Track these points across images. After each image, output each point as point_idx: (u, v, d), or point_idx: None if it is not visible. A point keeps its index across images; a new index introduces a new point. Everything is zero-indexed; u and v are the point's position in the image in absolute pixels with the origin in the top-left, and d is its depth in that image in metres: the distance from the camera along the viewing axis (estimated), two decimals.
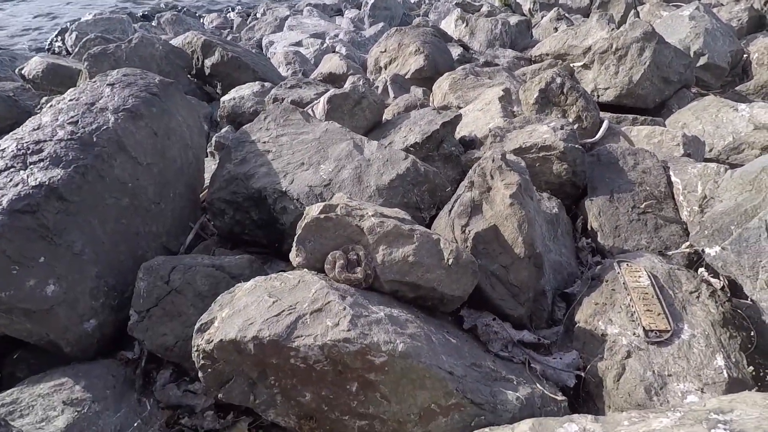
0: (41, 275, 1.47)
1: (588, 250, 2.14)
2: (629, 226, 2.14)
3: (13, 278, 1.43)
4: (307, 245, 1.43)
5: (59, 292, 1.51)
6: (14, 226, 1.43)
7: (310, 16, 6.27)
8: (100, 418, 1.42)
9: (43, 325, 1.50)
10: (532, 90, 2.87)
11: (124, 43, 3.28)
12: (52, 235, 1.50)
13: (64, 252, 1.53)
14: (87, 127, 1.69)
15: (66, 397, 1.43)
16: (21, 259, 1.44)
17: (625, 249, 2.05)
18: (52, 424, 1.33)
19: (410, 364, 1.14)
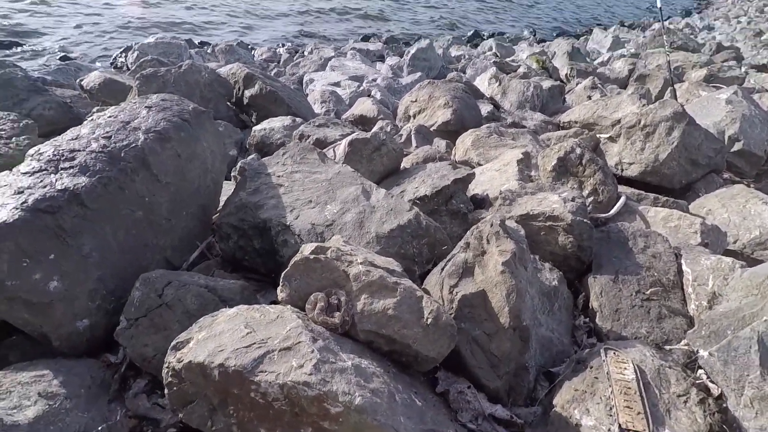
0: (47, 271, 1.57)
1: (584, 330, 2.10)
2: (630, 312, 2.09)
3: (22, 270, 1.53)
4: (293, 282, 1.48)
5: (60, 289, 1.60)
6: (34, 223, 1.55)
7: (352, 59, 6.57)
8: (68, 415, 1.46)
9: (40, 317, 1.59)
10: (550, 157, 2.91)
11: (174, 68, 3.53)
12: (66, 236, 1.61)
13: (73, 253, 1.63)
14: (118, 143, 1.83)
15: (42, 389, 1.49)
16: (33, 253, 1.55)
17: (623, 335, 2.00)
18: (22, 412, 1.38)
19: (364, 419, 1.15)
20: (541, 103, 5.09)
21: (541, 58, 7.36)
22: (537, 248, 2.28)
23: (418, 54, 7.00)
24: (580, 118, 4.44)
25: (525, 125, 4.36)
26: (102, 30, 7.62)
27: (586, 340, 2.03)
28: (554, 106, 5.25)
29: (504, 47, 9.37)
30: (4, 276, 1.48)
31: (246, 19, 9.41)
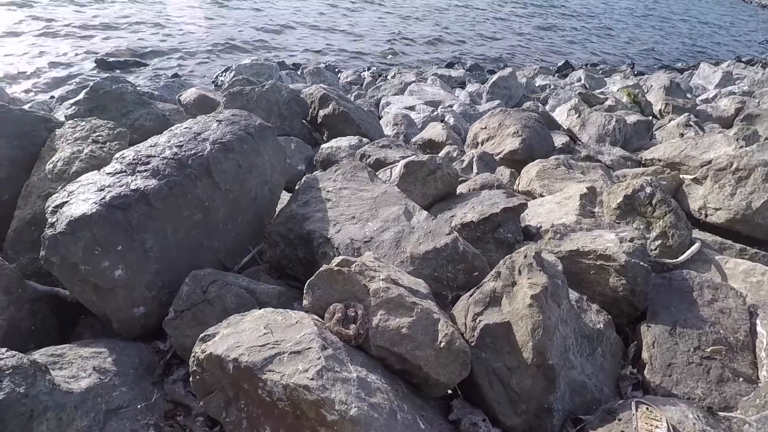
0: (114, 260, 1.78)
1: (630, 382, 1.94)
2: (686, 369, 1.90)
3: (94, 257, 1.75)
4: (316, 291, 1.55)
5: (123, 277, 1.81)
6: (108, 217, 1.78)
7: (432, 85, 6.69)
8: (115, 390, 1.64)
9: (104, 300, 1.80)
10: (616, 194, 2.74)
11: (257, 87, 3.87)
12: (133, 231, 1.83)
13: (137, 246, 1.84)
14: (187, 152, 2.05)
15: (98, 364, 1.68)
16: (104, 243, 1.77)
17: (673, 393, 1.82)
18: (77, 382, 1.57)
19: (357, 431, 1.17)
20: (624, 138, 4.81)
21: (634, 92, 6.95)
22: (585, 288, 2.16)
23: (498, 82, 6.96)
24: (665, 156, 4.12)
25: (600, 160, 4.14)
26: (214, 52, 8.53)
27: (630, 392, 1.86)
28: (639, 142, 4.92)
29: (594, 78, 8.99)
30: (79, 261, 1.71)
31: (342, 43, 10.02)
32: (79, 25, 8.78)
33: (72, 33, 8.42)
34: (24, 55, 7.14)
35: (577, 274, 2.18)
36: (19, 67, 6.65)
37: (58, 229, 1.69)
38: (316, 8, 12.31)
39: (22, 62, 6.81)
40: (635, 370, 1.96)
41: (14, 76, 6.24)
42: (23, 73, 6.47)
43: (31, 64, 6.84)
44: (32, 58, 7.13)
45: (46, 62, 6.97)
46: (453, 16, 14.17)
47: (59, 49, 7.69)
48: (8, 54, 7.10)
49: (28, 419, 1.36)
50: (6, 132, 2.22)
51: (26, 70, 6.61)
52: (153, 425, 1.64)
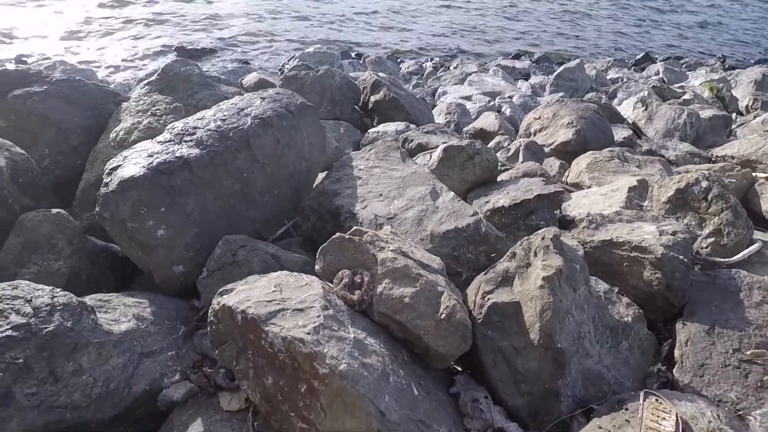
0: (158, 220, 1.96)
1: (657, 379, 1.83)
2: (721, 371, 1.76)
3: (140, 216, 1.94)
4: (327, 257, 1.62)
5: (165, 237, 1.98)
6: (154, 180, 1.96)
7: (493, 76, 6.54)
8: (150, 336, 1.81)
9: (148, 256, 1.99)
10: (668, 187, 2.56)
11: (312, 72, 4.01)
12: (175, 194, 2.00)
13: (179, 209, 2.01)
14: (230, 125, 2.19)
15: (137, 312, 1.87)
16: (149, 204, 1.95)
17: (703, 394, 1.70)
18: (118, 325, 1.76)
19: (344, 386, 1.22)
20: (696, 133, 4.43)
21: (717, 86, 6.37)
22: (617, 280, 2.05)
23: (563, 73, 6.67)
24: (740, 153, 3.75)
25: (663, 155, 3.86)
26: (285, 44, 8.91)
27: (656, 389, 1.76)
28: (713, 138, 4.51)
29: (674, 72, 8.31)
30: (127, 218, 1.90)
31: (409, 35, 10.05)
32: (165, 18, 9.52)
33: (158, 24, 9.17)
34: (114, 45, 7.88)
35: (609, 265, 2.08)
36: (109, 54, 7.36)
37: (110, 188, 1.89)
38: (387, 4, 12.37)
39: (110, 51, 7.53)
40: (664, 368, 1.85)
41: (104, 62, 6.92)
42: (113, 60, 7.15)
43: (119, 52, 7.54)
44: (122, 48, 7.85)
45: (132, 50, 7.65)
46: (525, 7, 13.67)
47: (145, 39, 8.39)
48: (100, 45, 7.87)
49: (72, 350, 1.55)
50: (81, 104, 2.50)
51: (116, 56, 7.31)
52: (180, 371, 1.79)
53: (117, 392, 1.58)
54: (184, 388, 1.73)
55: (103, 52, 7.51)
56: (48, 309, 1.57)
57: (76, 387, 1.49)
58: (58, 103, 2.43)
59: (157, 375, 1.71)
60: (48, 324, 1.53)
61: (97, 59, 6.94)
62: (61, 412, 1.44)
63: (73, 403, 1.47)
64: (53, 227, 2.03)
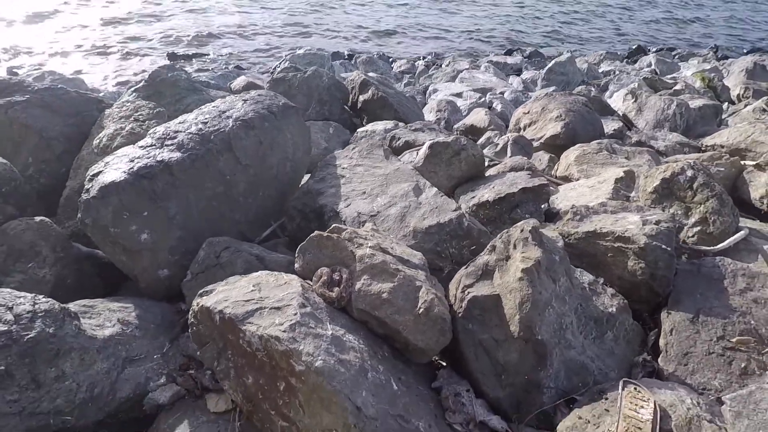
0: (141, 224, 1.96)
1: (642, 369, 1.83)
2: (705, 359, 1.76)
3: (123, 221, 1.94)
4: (306, 255, 1.62)
5: (149, 241, 1.98)
6: (135, 185, 1.96)
7: (485, 72, 6.54)
8: (135, 341, 1.81)
9: (132, 261, 1.99)
10: (654, 177, 2.56)
11: (300, 73, 4.01)
12: (157, 198, 2.00)
13: (161, 213, 2.01)
14: (211, 128, 2.20)
15: (122, 316, 1.87)
16: (132, 209, 1.95)
17: (687, 382, 1.70)
18: (102, 330, 1.76)
19: (320, 382, 1.22)
20: (686, 123, 4.42)
21: (709, 76, 6.36)
22: (602, 271, 2.05)
23: (554, 68, 6.67)
24: (729, 142, 3.75)
25: (653, 146, 3.86)
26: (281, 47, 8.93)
27: (639, 379, 1.76)
28: (704, 128, 4.50)
29: (666, 63, 8.31)
30: (109, 223, 1.90)
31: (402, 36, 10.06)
32: (159, 29, 9.53)
33: (147, 22, 9.19)
34: (105, 55, 7.89)
35: (594, 256, 2.08)
36: (100, 64, 7.38)
37: (91, 194, 1.89)
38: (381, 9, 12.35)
39: (101, 61, 7.55)
40: (650, 357, 1.85)
41: (94, 72, 6.94)
42: (103, 69, 7.17)
43: (110, 61, 7.56)
44: (114, 58, 7.86)
45: (124, 59, 7.66)
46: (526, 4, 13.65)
47: (137, 49, 8.40)
48: (91, 56, 7.88)
49: (54, 356, 1.55)
50: (63, 112, 2.50)
51: (107, 66, 7.32)
52: (166, 374, 1.79)
53: (101, 397, 1.58)
54: (171, 391, 1.73)
55: (94, 63, 7.52)
56: (29, 316, 1.58)
57: (59, 393, 1.49)
58: (40, 112, 2.44)
59: (142, 379, 1.71)
60: (29, 331, 1.53)
61: (88, 69, 6.95)
62: (44, 417, 1.44)
63: (56, 408, 1.47)
64: (36, 235, 2.04)
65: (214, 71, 6.26)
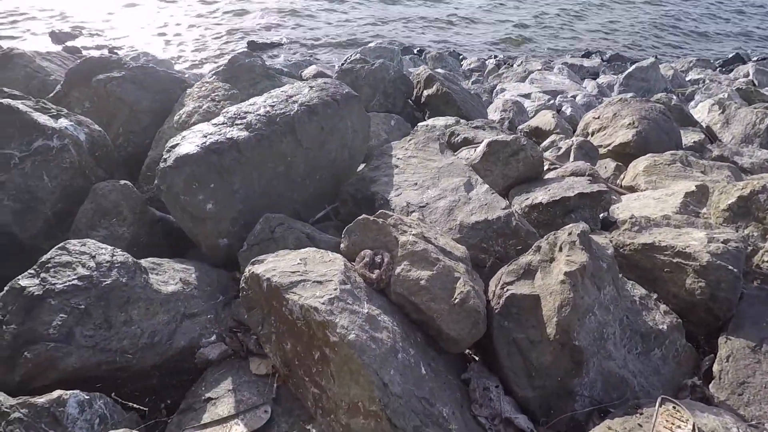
0: (207, 195, 2.13)
1: (690, 393, 1.74)
2: (763, 391, 1.64)
3: (192, 190, 2.12)
4: (351, 236, 1.69)
5: (213, 211, 2.15)
6: (206, 159, 2.13)
7: (558, 74, 6.31)
8: (192, 299, 1.98)
9: (197, 227, 2.17)
10: (730, 194, 2.39)
11: (367, 65, 4.10)
12: (224, 172, 2.16)
13: (226, 186, 2.17)
14: (277, 111, 2.33)
15: (184, 276, 2.05)
16: (201, 180, 2.12)
17: (739, 414, 1.59)
18: (167, 286, 1.94)
19: (351, 354, 1.29)
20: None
21: None
22: (657, 286, 1.96)
23: (635, 73, 6.30)
24: None
25: (736, 161, 3.56)
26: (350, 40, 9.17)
27: None
28: None
29: (767, 74, 7.57)
30: (180, 191, 2.08)
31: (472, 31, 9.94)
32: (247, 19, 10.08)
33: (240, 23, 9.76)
34: (195, 41, 8.48)
35: (650, 270, 1.99)
36: (190, 48, 7.95)
37: (168, 164, 2.08)
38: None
39: (191, 46, 8.12)
40: (701, 382, 1.75)
41: (184, 56, 7.48)
42: (191, 54, 7.71)
43: (199, 47, 8.10)
44: (202, 43, 8.42)
45: (211, 45, 8.20)
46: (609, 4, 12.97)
47: (224, 36, 8.95)
48: (184, 41, 8.50)
49: (125, 303, 1.74)
50: (152, 89, 2.75)
51: (195, 51, 7.87)
52: (216, 333, 1.95)
53: (160, 344, 1.76)
54: (219, 349, 1.88)
55: (185, 48, 8.12)
56: (108, 265, 1.78)
57: (126, 335, 1.68)
58: (132, 88, 2.70)
59: (195, 334, 1.87)
60: (107, 278, 1.74)
61: (178, 54, 7.51)
62: (111, 354, 1.62)
63: (123, 348, 1.65)
64: (120, 196, 2.27)
65: (288, 60, 6.54)
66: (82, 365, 1.57)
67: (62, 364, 1.54)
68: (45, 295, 1.63)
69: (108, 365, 1.62)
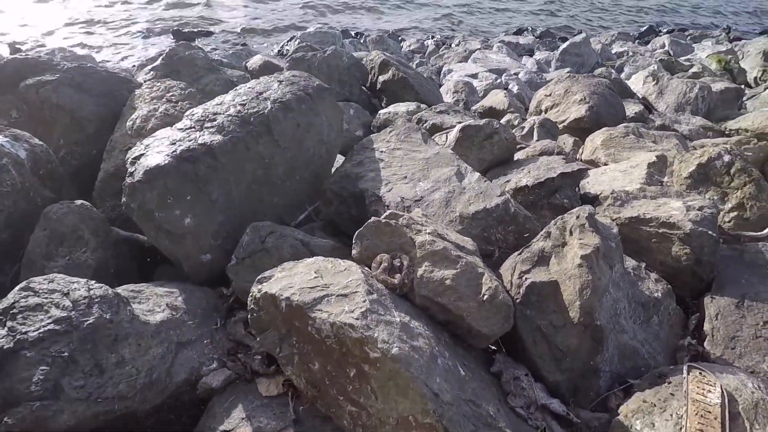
0: (184, 209, 1.94)
1: (688, 353, 1.86)
2: (752, 343, 1.79)
3: (167, 205, 1.92)
4: (364, 242, 1.61)
5: (192, 225, 1.96)
6: (179, 169, 1.93)
7: (497, 52, 6.45)
8: (184, 325, 1.81)
9: (176, 246, 1.98)
10: (689, 162, 2.56)
11: (319, 53, 3.94)
12: (200, 182, 1.97)
13: (204, 197, 1.99)
14: (250, 110, 2.16)
15: (170, 301, 1.86)
16: (175, 193, 1.93)
17: (735, 366, 1.72)
18: (153, 315, 1.76)
19: (397, 369, 1.23)
20: (707, 107, 4.40)
21: (725, 58, 6.30)
22: (645, 256, 2.06)
23: (570, 48, 6.58)
24: (755, 126, 3.75)
25: (677, 129, 3.84)
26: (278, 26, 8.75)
27: (687, 362, 1.78)
28: (725, 112, 4.49)
29: (680, 45, 8.22)
30: (154, 208, 1.88)
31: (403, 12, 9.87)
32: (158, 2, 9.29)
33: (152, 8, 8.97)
34: (107, 30, 7.72)
35: (636, 242, 2.09)
36: (103, 39, 7.21)
37: (136, 178, 1.86)
38: None
39: (104, 36, 7.38)
40: (695, 341, 1.87)
41: (100, 46, 6.78)
42: (108, 45, 7.01)
43: (112, 36, 7.38)
44: (116, 33, 7.68)
45: (126, 34, 7.49)
46: None
47: (138, 23, 8.21)
48: (93, 31, 7.70)
49: (113, 342, 1.55)
50: (94, 91, 2.44)
51: (111, 40, 7.15)
52: (217, 359, 1.80)
53: (160, 381, 1.59)
54: (223, 375, 1.74)
55: (98, 38, 7.35)
56: (86, 302, 1.57)
57: (121, 378, 1.50)
58: (71, 92, 2.38)
59: (195, 364, 1.72)
60: (88, 317, 1.53)
61: (92, 44, 6.79)
62: (109, 402, 1.44)
63: (120, 393, 1.47)
64: (78, 219, 2.01)
65: (225, 49, 6.14)
66: (77, 421, 1.38)
67: (54, 425, 1.34)
68: (17, 347, 1.40)
69: (106, 415, 1.44)
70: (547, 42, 8.03)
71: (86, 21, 8.10)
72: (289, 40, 6.90)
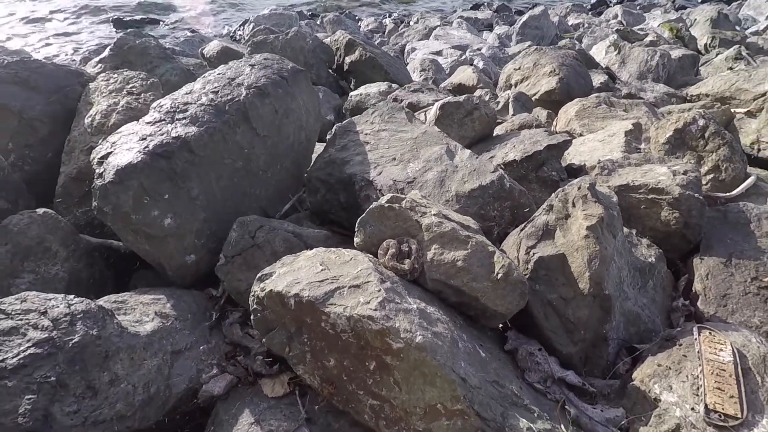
0: (163, 209, 1.80)
1: (682, 313, 1.90)
2: (742, 299, 1.85)
3: (144, 206, 1.77)
4: (368, 228, 1.54)
5: (173, 226, 1.83)
6: (153, 166, 1.78)
7: (458, 28, 6.40)
8: (177, 333, 1.69)
9: (157, 249, 1.84)
10: (665, 128, 2.61)
11: (281, 35, 3.76)
12: (178, 179, 1.83)
13: (183, 194, 1.85)
14: (224, 97, 2.01)
15: (158, 309, 1.74)
16: (152, 192, 1.78)
17: (728, 323, 1.78)
18: (143, 325, 1.63)
19: (423, 357, 1.18)
20: (667, 74, 4.53)
21: (676, 26, 6.51)
22: (635, 223, 2.09)
23: (529, 22, 6.61)
24: (714, 91, 3.88)
25: (642, 97, 3.93)
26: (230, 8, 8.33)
27: (682, 323, 1.83)
28: (683, 78, 4.64)
29: (632, 14, 8.44)
30: (130, 210, 1.73)
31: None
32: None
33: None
34: (34, 20, 7.11)
35: (626, 209, 2.11)
36: (34, 30, 6.64)
37: (107, 179, 1.71)
38: None
39: (36, 26, 6.80)
40: (687, 302, 1.92)
41: (34, 41, 6.24)
42: (41, 36, 6.46)
43: (44, 26, 6.81)
44: (43, 22, 7.09)
45: (62, 25, 6.93)
46: None
47: (71, 11, 7.61)
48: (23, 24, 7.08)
49: (104, 359, 1.42)
50: (43, 87, 2.22)
51: (42, 33, 6.60)
52: (216, 364, 1.70)
53: (158, 395, 1.48)
54: (224, 381, 1.65)
55: (26, 30, 6.76)
56: (68, 319, 1.43)
57: (117, 397, 1.38)
58: (17, 90, 2.15)
59: (194, 372, 1.61)
60: (72, 335, 1.39)
61: (24, 38, 6.24)
62: (107, 425, 1.33)
63: (118, 414, 1.36)
64: (43, 229, 1.83)
65: (176, 37, 5.78)
66: None
67: None
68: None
69: None
70: (505, 16, 8.05)
71: (8, 14, 7.44)
72: (242, 24, 6.59)
